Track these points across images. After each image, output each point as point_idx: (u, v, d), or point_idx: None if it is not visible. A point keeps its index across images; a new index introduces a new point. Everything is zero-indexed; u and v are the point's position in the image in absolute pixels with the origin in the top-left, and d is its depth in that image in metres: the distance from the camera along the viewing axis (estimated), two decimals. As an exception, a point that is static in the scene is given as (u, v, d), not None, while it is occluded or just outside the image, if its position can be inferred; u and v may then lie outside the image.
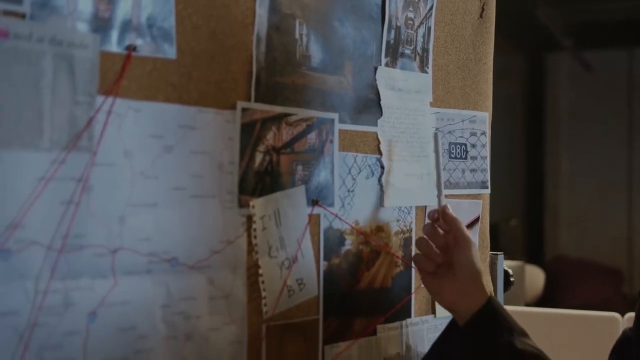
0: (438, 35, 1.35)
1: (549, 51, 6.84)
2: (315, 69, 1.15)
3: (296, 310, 1.13)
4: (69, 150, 0.86)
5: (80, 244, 0.86)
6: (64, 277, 0.85)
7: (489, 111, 1.47)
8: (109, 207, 0.90)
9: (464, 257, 1.19)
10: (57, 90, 0.85)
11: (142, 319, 0.93)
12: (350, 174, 1.21)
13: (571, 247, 6.83)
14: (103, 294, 0.89)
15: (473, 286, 1.19)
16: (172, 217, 0.96)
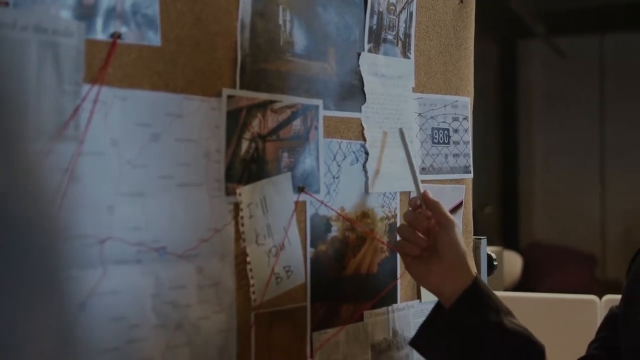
0: (420, 21, 1.35)
1: (521, 38, 6.88)
2: (300, 55, 1.15)
3: (284, 297, 1.13)
4: (56, 139, 0.85)
5: (68, 234, 0.85)
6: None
7: (471, 96, 1.48)
8: (97, 197, 0.89)
9: (448, 238, 1.20)
10: (42, 79, 0.84)
11: (132, 308, 0.93)
12: (335, 161, 1.21)
13: (546, 232, 6.89)
14: (92, 284, 0.88)
15: (458, 267, 1.19)
16: (160, 206, 0.96)
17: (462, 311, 1.17)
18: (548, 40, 6.46)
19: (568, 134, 6.81)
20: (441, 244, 1.19)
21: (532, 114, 7.00)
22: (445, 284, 1.19)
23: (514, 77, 6.99)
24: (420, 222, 1.22)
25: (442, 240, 1.20)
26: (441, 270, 1.19)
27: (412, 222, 1.22)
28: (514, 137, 6.99)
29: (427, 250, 1.21)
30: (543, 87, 6.94)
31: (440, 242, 1.20)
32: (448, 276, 1.19)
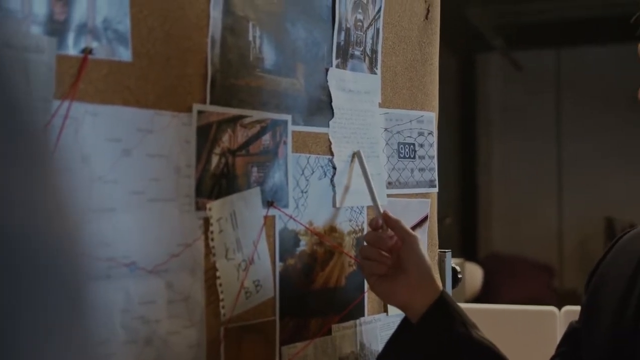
0: (386, 37, 1.37)
1: (480, 52, 6.97)
2: (269, 70, 1.16)
3: (253, 311, 1.13)
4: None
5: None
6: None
7: (436, 111, 1.50)
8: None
9: (413, 253, 1.20)
10: (10, 96, 0.83)
11: (101, 324, 0.92)
12: (303, 175, 1.21)
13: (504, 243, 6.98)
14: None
15: (425, 282, 1.21)
16: (131, 221, 0.96)
17: (429, 325, 1.19)
18: (506, 53, 6.56)
19: (525, 146, 6.91)
20: (406, 260, 1.20)
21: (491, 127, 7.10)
22: (412, 300, 1.20)
23: (473, 90, 7.08)
24: (383, 241, 1.23)
25: (406, 256, 1.20)
26: (408, 286, 1.20)
27: (375, 242, 1.23)
28: (472, 149, 7.07)
29: (392, 268, 1.22)
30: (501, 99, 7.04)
31: (405, 258, 1.20)
32: (415, 291, 1.20)
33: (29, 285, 0.31)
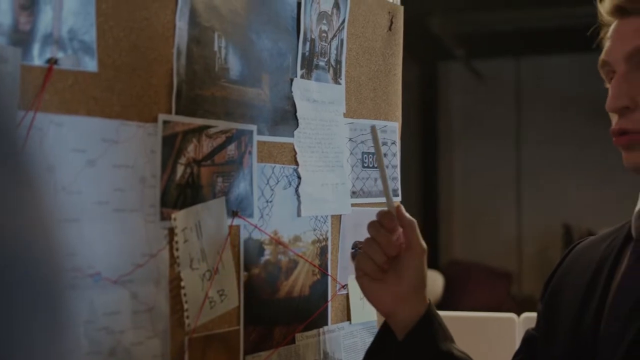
0: (350, 48, 1.39)
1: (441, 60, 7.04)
2: (234, 81, 1.16)
3: (218, 321, 1.13)
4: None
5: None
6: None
7: (399, 121, 1.52)
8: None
9: (416, 264, 1.17)
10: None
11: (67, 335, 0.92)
12: (268, 185, 1.22)
13: (464, 250, 7.04)
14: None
15: (416, 293, 1.18)
16: (96, 232, 0.95)
17: (417, 339, 1.17)
18: (467, 63, 6.63)
19: (486, 154, 6.99)
20: (408, 269, 1.17)
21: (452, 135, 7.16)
22: (398, 309, 1.18)
23: (434, 98, 7.15)
24: (391, 247, 1.18)
25: (409, 264, 1.17)
26: (397, 295, 1.17)
27: (383, 244, 1.17)
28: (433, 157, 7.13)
29: (387, 271, 1.19)
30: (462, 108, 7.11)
31: (407, 267, 1.17)
32: (403, 302, 1.17)
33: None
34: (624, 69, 1.09)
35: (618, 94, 1.09)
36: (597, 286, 1.18)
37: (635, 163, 1.10)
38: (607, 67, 1.14)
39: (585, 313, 1.17)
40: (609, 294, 1.16)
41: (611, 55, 1.12)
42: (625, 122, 1.09)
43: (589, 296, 1.19)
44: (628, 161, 1.11)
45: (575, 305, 1.20)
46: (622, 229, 1.25)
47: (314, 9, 1.29)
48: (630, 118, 1.08)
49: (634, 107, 1.08)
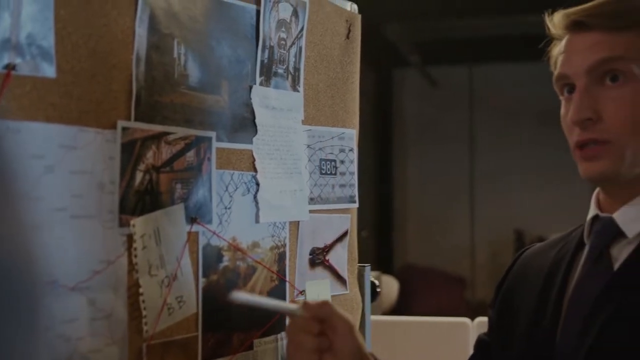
0: (308, 55, 1.40)
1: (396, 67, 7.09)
2: (194, 88, 1.16)
3: (176, 327, 1.13)
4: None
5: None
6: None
7: (356, 128, 1.53)
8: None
9: (348, 343, 1.15)
10: None
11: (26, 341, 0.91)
12: (227, 191, 1.22)
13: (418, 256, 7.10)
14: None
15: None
16: (53, 238, 0.95)
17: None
18: (422, 69, 6.70)
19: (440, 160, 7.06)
20: (343, 350, 1.15)
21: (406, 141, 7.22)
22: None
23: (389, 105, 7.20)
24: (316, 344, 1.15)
25: (343, 345, 1.15)
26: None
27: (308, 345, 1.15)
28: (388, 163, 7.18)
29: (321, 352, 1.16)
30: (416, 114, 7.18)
31: (342, 348, 1.15)
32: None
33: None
34: (584, 82, 1.12)
35: (581, 106, 1.12)
36: (551, 293, 1.20)
37: (594, 173, 1.13)
38: (564, 80, 1.16)
39: (540, 321, 1.20)
40: (564, 301, 1.18)
41: (570, 68, 1.14)
42: (590, 133, 1.12)
43: (543, 303, 1.21)
44: (587, 172, 1.14)
45: (529, 312, 1.23)
46: (572, 235, 1.27)
47: (272, 17, 1.30)
48: (594, 129, 1.11)
49: (596, 118, 1.11)
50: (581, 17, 1.14)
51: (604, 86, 1.12)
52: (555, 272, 1.23)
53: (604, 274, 1.15)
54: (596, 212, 1.20)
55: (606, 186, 1.18)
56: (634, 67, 1.11)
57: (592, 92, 1.12)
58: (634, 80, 1.11)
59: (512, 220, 6.85)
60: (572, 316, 1.15)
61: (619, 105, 1.10)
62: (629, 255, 1.14)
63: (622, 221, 1.15)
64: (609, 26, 1.12)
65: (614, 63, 1.11)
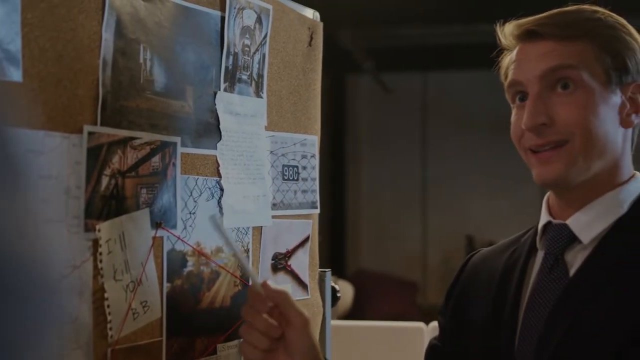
0: (272, 62, 1.41)
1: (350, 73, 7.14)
2: (159, 93, 1.17)
3: (140, 332, 1.13)
4: None
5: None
6: None
7: (318, 134, 1.55)
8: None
9: (301, 338, 1.15)
10: None
11: None
12: (192, 197, 1.23)
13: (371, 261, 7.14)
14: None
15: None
16: (20, 243, 0.94)
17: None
18: (375, 76, 6.75)
19: (393, 167, 7.12)
20: (295, 345, 1.15)
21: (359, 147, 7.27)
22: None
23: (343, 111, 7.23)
24: (273, 330, 1.14)
25: (296, 340, 1.15)
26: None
27: (264, 330, 1.14)
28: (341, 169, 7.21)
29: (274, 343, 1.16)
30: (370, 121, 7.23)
31: (295, 343, 1.15)
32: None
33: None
34: (537, 89, 1.16)
35: (535, 112, 1.15)
36: (507, 300, 1.22)
37: (548, 177, 1.16)
38: (517, 87, 1.20)
39: (498, 328, 1.21)
40: (520, 308, 1.20)
41: (523, 75, 1.18)
42: (544, 137, 1.15)
43: (499, 310, 1.22)
44: (541, 176, 1.17)
45: (485, 320, 1.24)
46: (523, 240, 1.30)
47: (237, 24, 1.31)
48: (548, 132, 1.15)
49: (550, 123, 1.15)
50: (534, 26, 1.18)
51: (555, 93, 1.16)
52: (509, 278, 1.24)
53: (560, 280, 1.17)
54: (549, 218, 1.22)
55: (559, 191, 1.21)
56: (584, 75, 1.15)
57: (544, 99, 1.15)
58: (584, 87, 1.15)
59: (463, 226, 6.94)
60: (530, 326, 1.17)
61: (571, 109, 1.14)
62: (584, 261, 1.16)
63: (576, 227, 1.18)
64: (560, 35, 1.16)
65: (566, 71, 1.15)
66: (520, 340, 1.18)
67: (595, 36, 1.16)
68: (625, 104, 1.18)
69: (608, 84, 1.16)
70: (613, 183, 1.19)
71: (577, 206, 1.19)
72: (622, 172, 1.20)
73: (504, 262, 1.28)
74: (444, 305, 1.38)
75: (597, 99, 1.15)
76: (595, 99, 1.15)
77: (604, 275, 1.13)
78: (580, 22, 1.17)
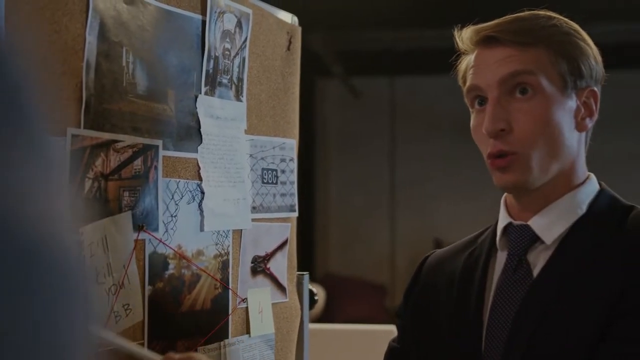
0: (251, 66, 1.41)
1: (319, 76, 7.15)
2: (141, 96, 1.17)
3: (122, 335, 1.13)
4: None
5: None
6: None
7: (296, 138, 1.56)
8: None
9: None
10: None
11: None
12: (173, 200, 1.23)
13: (340, 264, 7.16)
14: None
15: None
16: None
17: None
18: (345, 80, 6.77)
19: (361, 170, 7.14)
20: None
21: (328, 151, 7.28)
22: None
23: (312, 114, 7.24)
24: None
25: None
26: None
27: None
28: (310, 172, 7.22)
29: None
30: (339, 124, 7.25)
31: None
32: None
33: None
34: (496, 94, 1.18)
35: (495, 117, 1.17)
36: (470, 299, 1.23)
37: (508, 182, 1.18)
38: (476, 91, 1.21)
39: (461, 328, 1.22)
40: (484, 307, 1.22)
41: (482, 81, 1.20)
42: (502, 144, 1.17)
43: (462, 312, 1.23)
44: (502, 181, 1.19)
45: (448, 319, 1.25)
46: (480, 240, 1.31)
47: (218, 27, 1.32)
48: (507, 140, 1.17)
49: (509, 129, 1.17)
50: (492, 32, 1.20)
51: (514, 98, 1.18)
52: (470, 278, 1.25)
53: (524, 280, 1.18)
54: (509, 219, 1.24)
55: (518, 194, 1.23)
56: (542, 80, 1.17)
57: (503, 104, 1.17)
58: (542, 92, 1.17)
59: (431, 229, 6.98)
60: (497, 326, 1.18)
61: (528, 118, 1.16)
62: (547, 261, 1.18)
63: (538, 228, 1.20)
64: (518, 42, 1.18)
65: (524, 76, 1.17)
66: (487, 341, 1.19)
67: (552, 42, 1.18)
68: (580, 109, 1.21)
69: (564, 89, 1.18)
70: (570, 185, 1.22)
71: (536, 208, 1.21)
72: (578, 174, 1.23)
73: (463, 263, 1.29)
74: (402, 307, 1.39)
75: (554, 104, 1.17)
76: (552, 104, 1.17)
77: (567, 275, 1.15)
78: (537, 29, 1.19)
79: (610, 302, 1.09)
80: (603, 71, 1.25)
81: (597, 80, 1.23)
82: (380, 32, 5.99)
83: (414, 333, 1.33)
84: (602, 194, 1.23)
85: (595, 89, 1.23)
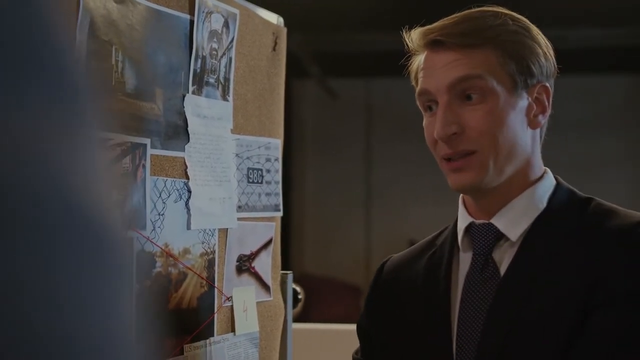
0: (238, 66, 1.42)
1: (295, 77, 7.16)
2: (130, 95, 1.17)
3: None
4: None
5: None
6: None
7: (281, 138, 1.57)
8: None
9: None
10: None
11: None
12: (160, 198, 1.24)
13: (315, 265, 7.17)
14: None
15: None
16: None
17: None
18: (321, 81, 6.79)
19: (337, 172, 7.16)
20: None
21: (305, 152, 7.30)
22: None
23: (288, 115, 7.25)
24: None
25: None
26: None
27: None
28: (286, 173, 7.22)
29: None
30: (315, 126, 7.26)
31: None
32: None
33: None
34: (446, 98, 1.18)
35: (446, 122, 1.17)
36: (437, 301, 1.23)
37: (464, 183, 1.19)
38: (427, 96, 1.22)
39: (430, 330, 1.23)
40: (452, 309, 1.22)
41: (432, 85, 1.20)
42: (456, 146, 1.18)
43: (429, 313, 1.24)
44: (456, 183, 1.20)
45: (415, 323, 1.25)
46: (439, 241, 1.30)
47: (205, 27, 1.33)
48: (459, 142, 1.17)
49: (461, 132, 1.17)
50: (438, 36, 1.19)
51: (464, 102, 1.18)
52: (434, 281, 1.25)
53: (492, 279, 1.18)
54: (470, 219, 1.24)
55: (476, 196, 1.23)
56: (490, 83, 1.17)
57: (454, 108, 1.18)
58: (492, 95, 1.17)
59: (406, 231, 7.01)
60: (467, 326, 1.18)
61: (480, 118, 1.16)
62: (512, 258, 1.18)
63: (502, 226, 1.20)
64: (464, 44, 1.18)
65: (473, 81, 1.17)
66: (459, 342, 1.18)
67: (499, 43, 1.18)
68: (532, 106, 1.21)
69: (514, 89, 1.18)
70: (527, 182, 1.22)
71: (495, 208, 1.21)
72: (534, 170, 1.23)
73: (425, 265, 1.29)
74: (364, 316, 1.38)
75: (504, 106, 1.17)
76: (503, 105, 1.17)
77: (536, 271, 1.16)
78: (484, 30, 1.19)
79: (582, 296, 1.10)
80: (555, 65, 1.24)
81: (548, 75, 1.23)
82: (357, 34, 6.01)
83: (380, 339, 1.33)
84: (559, 188, 1.24)
85: (546, 84, 1.22)
